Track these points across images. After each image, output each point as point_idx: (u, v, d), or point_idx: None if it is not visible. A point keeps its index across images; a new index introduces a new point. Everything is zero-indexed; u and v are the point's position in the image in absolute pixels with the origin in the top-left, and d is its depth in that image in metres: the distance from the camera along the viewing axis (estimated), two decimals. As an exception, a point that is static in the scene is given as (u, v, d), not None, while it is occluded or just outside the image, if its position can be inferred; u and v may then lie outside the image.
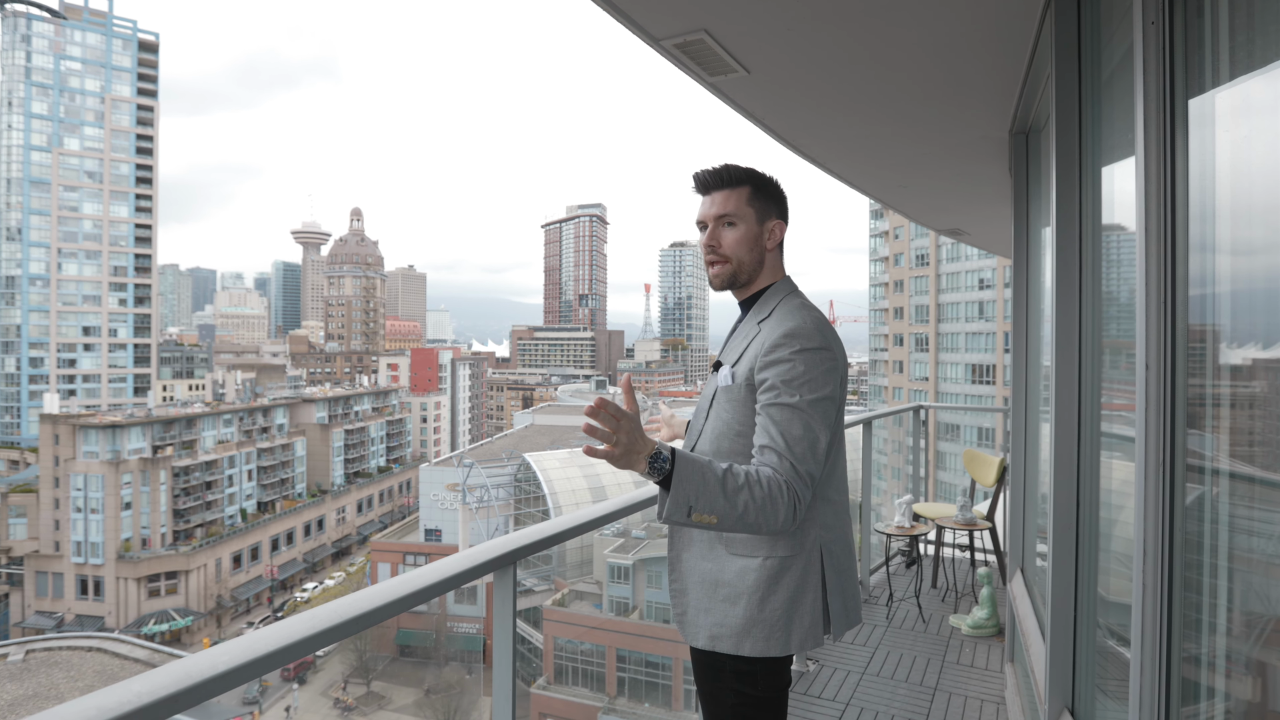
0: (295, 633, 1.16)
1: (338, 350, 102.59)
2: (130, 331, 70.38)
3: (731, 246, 1.63)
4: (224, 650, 1.08)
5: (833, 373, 1.52)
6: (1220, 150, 1.26)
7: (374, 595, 1.36)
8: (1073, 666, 2.10)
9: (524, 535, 1.74)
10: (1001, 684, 3.61)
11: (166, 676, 0.98)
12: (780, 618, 1.54)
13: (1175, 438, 1.34)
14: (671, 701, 27.42)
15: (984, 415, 42.88)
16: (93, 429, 49.92)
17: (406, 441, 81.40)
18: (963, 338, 52.45)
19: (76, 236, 68.35)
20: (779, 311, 1.60)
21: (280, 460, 62.57)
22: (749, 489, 1.38)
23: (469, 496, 41.03)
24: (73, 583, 48.16)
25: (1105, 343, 2.02)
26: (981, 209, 5.28)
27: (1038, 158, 3.24)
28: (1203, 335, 1.33)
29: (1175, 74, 1.34)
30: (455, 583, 1.53)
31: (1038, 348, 3.31)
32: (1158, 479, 1.37)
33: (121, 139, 71.08)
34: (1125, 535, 1.98)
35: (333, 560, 62.80)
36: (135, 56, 72.53)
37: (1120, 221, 1.98)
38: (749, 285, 1.68)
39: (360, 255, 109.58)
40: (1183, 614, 1.34)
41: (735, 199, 1.63)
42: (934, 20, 2.28)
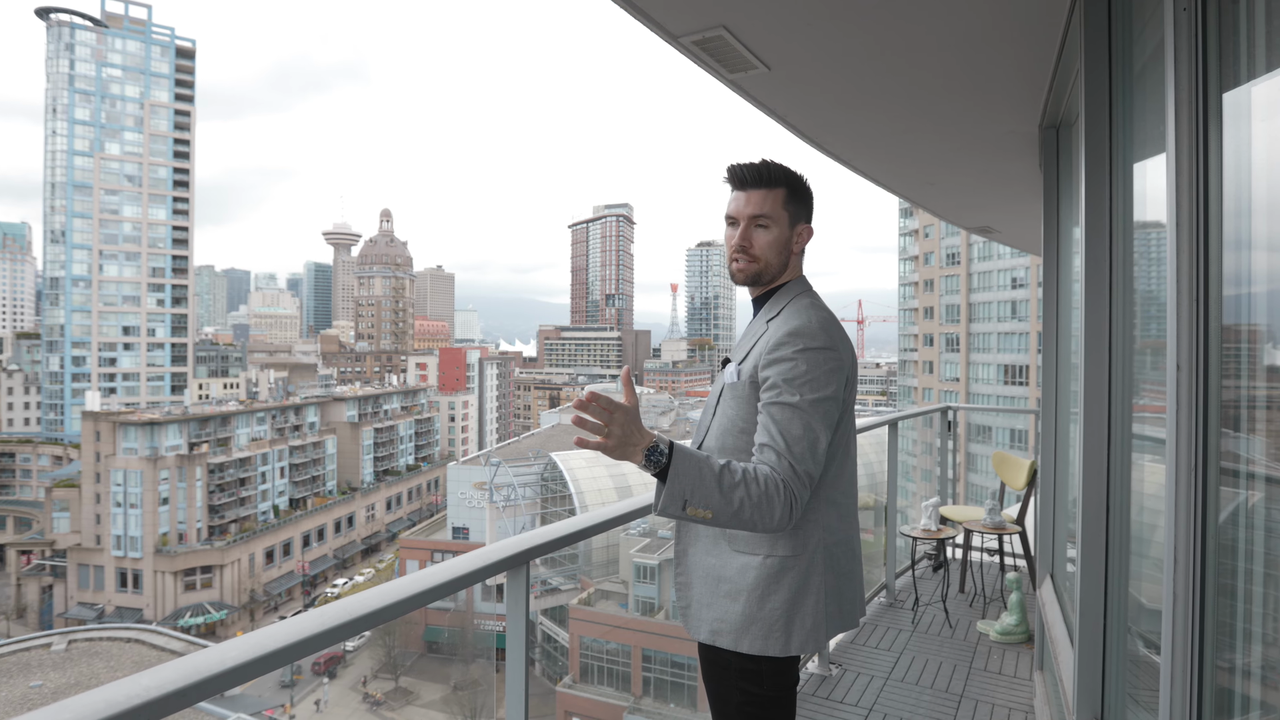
0: (306, 629, 1.17)
1: (368, 350, 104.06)
2: (168, 331, 72.29)
3: (762, 248, 1.63)
4: (234, 645, 1.09)
5: (836, 373, 1.51)
6: (1255, 144, 1.21)
7: (388, 592, 1.37)
8: (1102, 675, 2.04)
9: (539, 534, 1.73)
10: (1030, 692, 3.53)
11: (174, 671, 0.99)
12: (780, 617, 1.54)
13: (1208, 440, 1.29)
14: (697, 702, 27.25)
15: (1017, 417, 42.07)
16: (132, 426, 51.23)
17: (435, 440, 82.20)
18: (995, 338, 51.50)
19: (117, 239, 70.34)
20: (787, 310, 1.60)
21: (312, 458, 63.54)
22: (745, 486, 1.38)
23: (496, 495, 41.35)
24: (113, 575, 49.42)
25: (1136, 343, 1.96)
26: (1012, 206, 5.17)
27: (1068, 153, 3.16)
28: (1236, 335, 1.28)
29: (1209, 64, 1.29)
30: (469, 581, 1.53)
31: (1068, 348, 3.24)
32: (1189, 482, 1.32)
33: (160, 143, 73.06)
34: (1156, 540, 1.92)
35: (362, 557, 63.66)
36: (173, 63, 74.44)
37: (1152, 219, 1.92)
38: (768, 284, 1.69)
39: (390, 256, 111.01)
40: (1215, 621, 1.29)
41: (772, 200, 1.62)
42: (957, 12, 2.23)
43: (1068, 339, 3.25)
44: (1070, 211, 3.20)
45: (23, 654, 30.03)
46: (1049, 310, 3.41)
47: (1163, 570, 1.94)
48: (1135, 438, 1.96)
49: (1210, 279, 1.30)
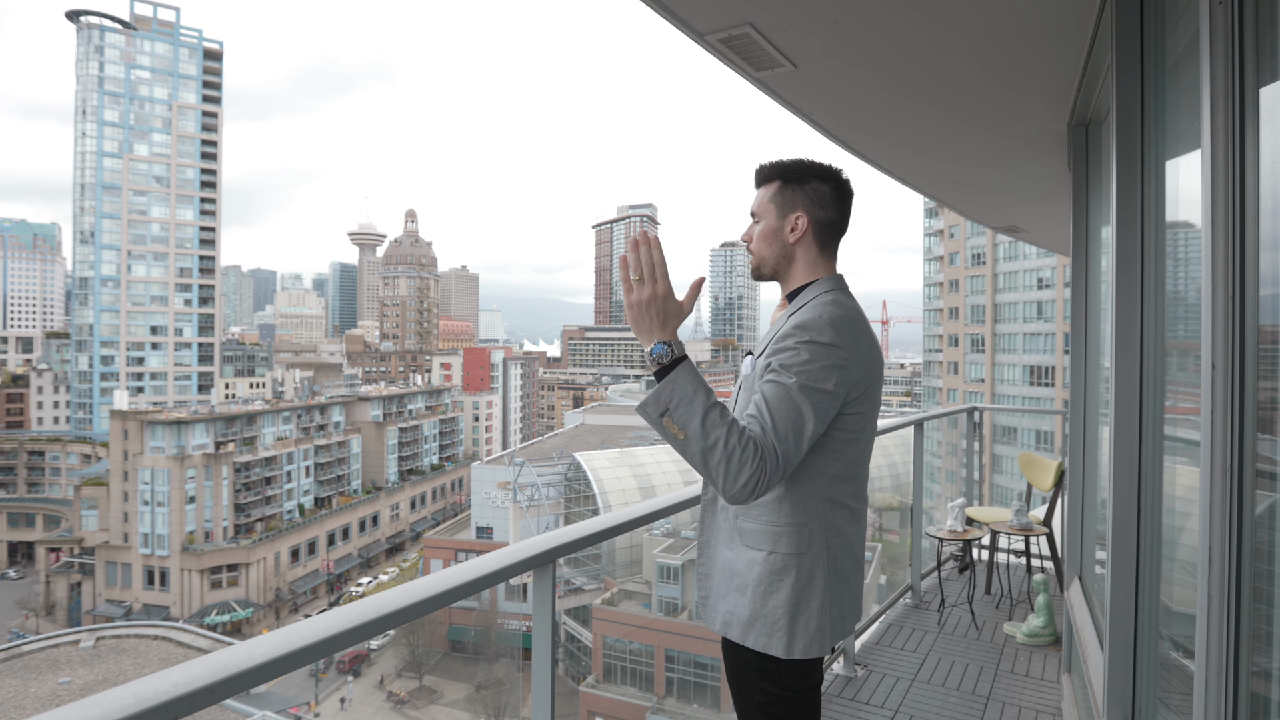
0: (332, 626, 1.16)
1: (392, 350, 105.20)
2: (195, 331, 73.52)
3: (755, 241, 1.70)
4: (261, 642, 1.09)
5: (835, 370, 1.47)
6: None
7: (413, 590, 1.37)
8: (1133, 678, 2.02)
9: (564, 533, 1.75)
10: (1058, 695, 3.48)
11: (202, 668, 0.99)
12: (781, 617, 1.54)
13: (1244, 440, 1.28)
14: (720, 703, 27.24)
15: (1043, 418, 41.39)
16: (159, 425, 52.08)
17: (459, 440, 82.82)
18: (1021, 339, 50.71)
19: (145, 239, 71.59)
20: (807, 305, 1.59)
21: (337, 457, 64.30)
22: (729, 433, 1.37)
23: (520, 495, 41.58)
24: (140, 573, 50.26)
25: (1168, 343, 1.93)
26: (1039, 205, 5.10)
27: (1098, 151, 3.12)
28: (1274, 336, 1.26)
29: (1245, 60, 1.28)
30: (494, 580, 1.53)
31: (1098, 349, 3.19)
32: (1224, 483, 1.30)
33: (187, 145, 74.25)
34: (1189, 542, 1.89)
35: (386, 556, 64.33)
36: (200, 65, 75.59)
37: (1185, 217, 1.90)
38: (784, 279, 1.70)
39: (415, 256, 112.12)
40: (1250, 625, 1.28)
41: (762, 195, 1.70)
42: (987, 9, 2.22)
43: (1096, 340, 3.20)
44: (1100, 210, 3.16)
45: (51, 651, 30.68)
46: (1077, 311, 3.37)
47: (1196, 572, 1.91)
48: (1167, 439, 1.94)
49: (1246, 278, 1.28)
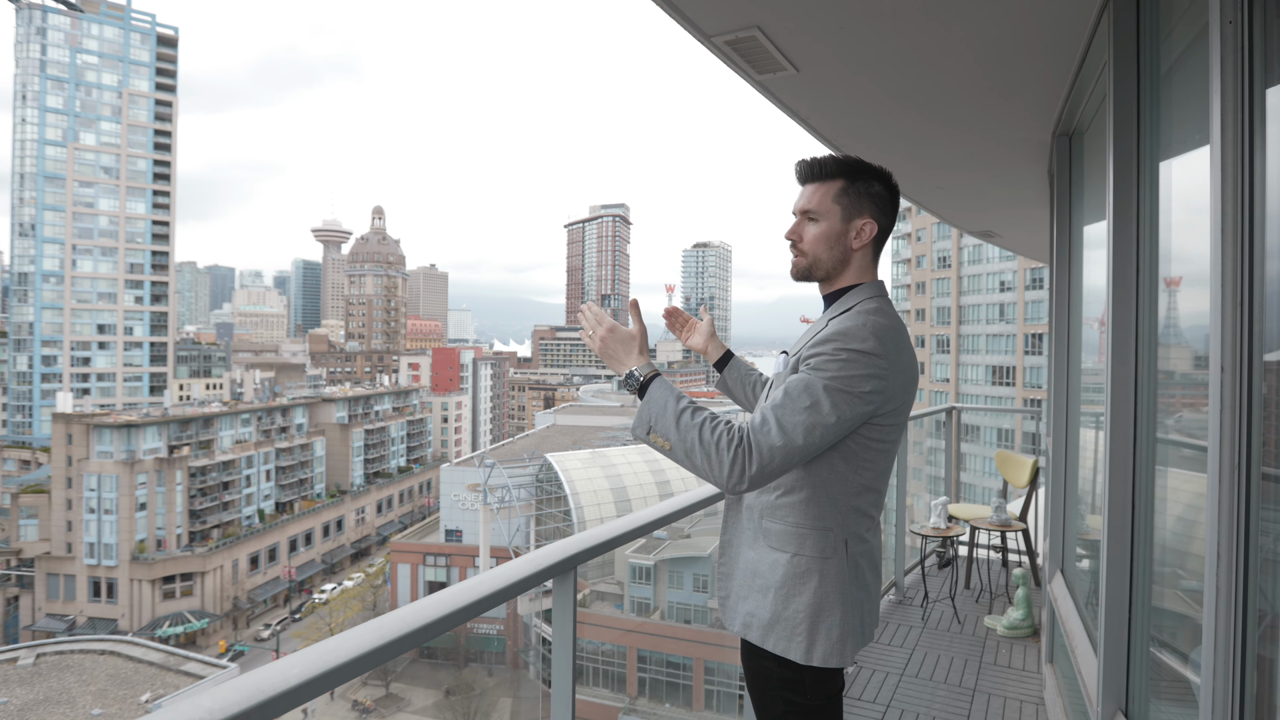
0: (367, 643, 1.13)
1: (358, 349, 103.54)
2: (146, 330, 70.30)
3: (811, 242, 1.62)
4: (295, 661, 1.05)
5: (872, 379, 1.45)
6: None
7: (440, 603, 1.33)
8: (1126, 668, 2.09)
9: (585, 539, 1.74)
10: (1039, 685, 3.59)
11: (237, 692, 0.95)
12: (802, 621, 1.52)
13: (1252, 440, 1.34)
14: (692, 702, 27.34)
15: (1003, 416, 42.41)
16: (107, 428, 50.01)
17: (427, 441, 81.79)
18: (983, 339, 51.89)
19: (92, 233, 68.09)
20: (851, 312, 1.56)
21: (299, 460, 62.95)
22: (701, 429, 1.42)
23: (490, 497, 41.23)
24: (85, 585, 48.12)
25: (1163, 345, 2.01)
26: (1016, 211, 5.24)
27: (1080, 160, 3.22)
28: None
29: (1254, 75, 1.34)
30: (516, 590, 1.50)
31: (1079, 349, 3.30)
32: (1232, 481, 1.36)
33: (139, 134, 70.75)
34: (1182, 535, 1.97)
35: (351, 561, 63.19)
36: (154, 51, 72.12)
37: (1178, 221, 1.98)
38: (830, 281, 1.65)
39: (382, 254, 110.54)
40: (1257, 618, 1.33)
41: (821, 194, 1.61)
42: (987, 20, 2.29)
43: (1078, 341, 3.31)
44: (1082, 217, 3.27)
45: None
46: (1060, 313, 3.47)
47: (1186, 566, 1.99)
48: (1159, 438, 2.02)
49: (1255, 280, 1.34)
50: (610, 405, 76.30)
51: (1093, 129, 3.00)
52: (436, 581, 45.84)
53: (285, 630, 48.10)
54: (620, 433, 58.24)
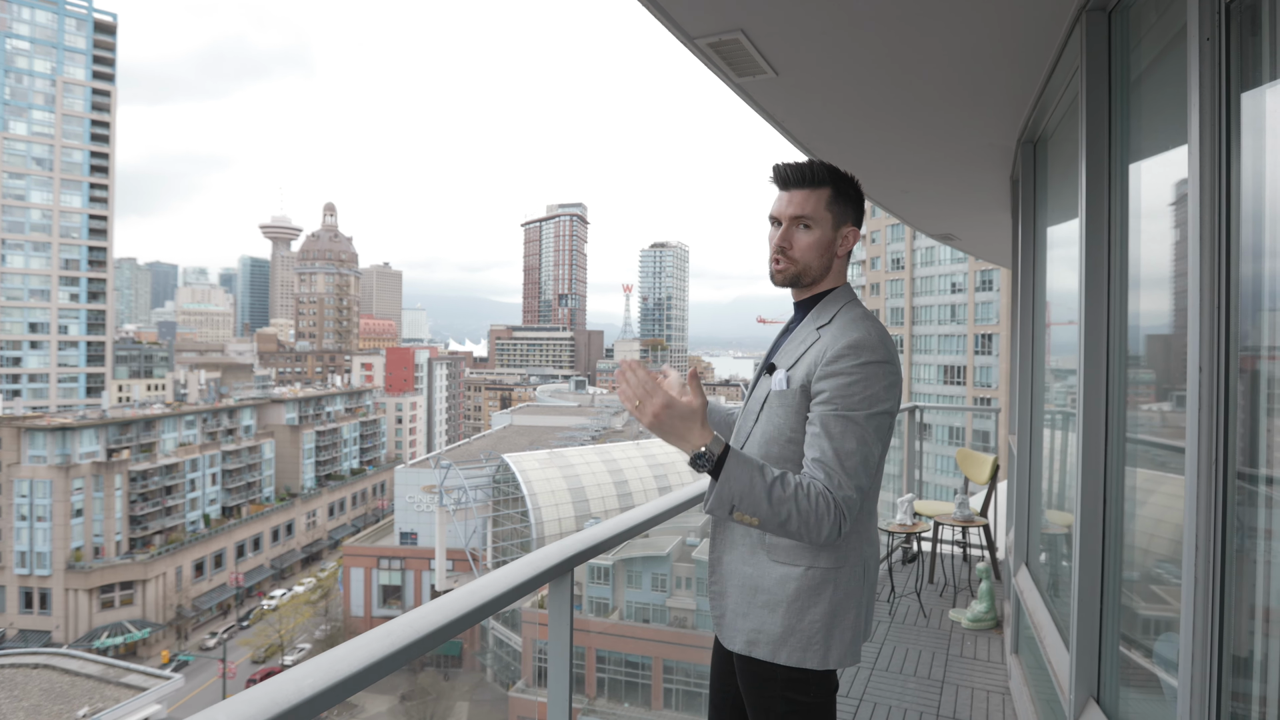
0: (377, 650, 1.09)
1: (309, 349, 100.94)
2: (83, 329, 66.74)
3: (803, 250, 1.60)
4: (307, 671, 1.00)
5: (894, 387, 1.51)
6: (1276, 159, 1.32)
7: (448, 608, 1.29)
8: (1098, 657, 2.17)
9: (581, 540, 1.71)
10: (1005, 675, 3.69)
11: (251, 705, 0.91)
12: (819, 630, 1.52)
13: (1229, 439, 1.40)
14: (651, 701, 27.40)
15: (955, 415, 43.60)
16: (40, 431, 47.68)
17: (381, 443, 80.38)
18: (936, 340, 53.27)
19: (23, 227, 64.40)
20: (841, 320, 1.57)
21: (247, 463, 61.23)
22: (795, 501, 1.38)
23: (446, 498, 40.65)
24: (15, 595, 45.87)
25: (1133, 344, 2.09)
26: (977, 215, 5.39)
27: (1045, 165, 3.33)
28: (1257, 337, 1.39)
29: (1230, 84, 1.40)
30: (512, 597, 1.46)
31: (1043, 350, 3.40)
32: (1209, 478, 1.42)
33: (74, 124, 67.07)
34: (1151, 530, 2.06)
35: (302, 566, 61.70)
36: (90, 38, 68.50)
37: (1149, 223, 2.06)
38: (811, 287, 1.65)
39: (333, 251, 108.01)
40: (1235, 610, 1.39)
41: (815, 201, 1.59)
42: (964, 29, 2.34)
43: (1042, 342, 3.42)
44: (1046, 220, 3.37)
45: (-95, 689, 27.23)
46: (1024, 314, 3.58)
47: (1154, 558, 2.07)
48: (1130, 439, 2.09)
49: (1231, 283, 1.41)
50: (567, 405, 75.97)
51: (1057, 136, 3.11)
52: (391, 585, 45.08)
53: (232, 638, 46.66)
54: (579, 432, 58.08)
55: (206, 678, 41.07)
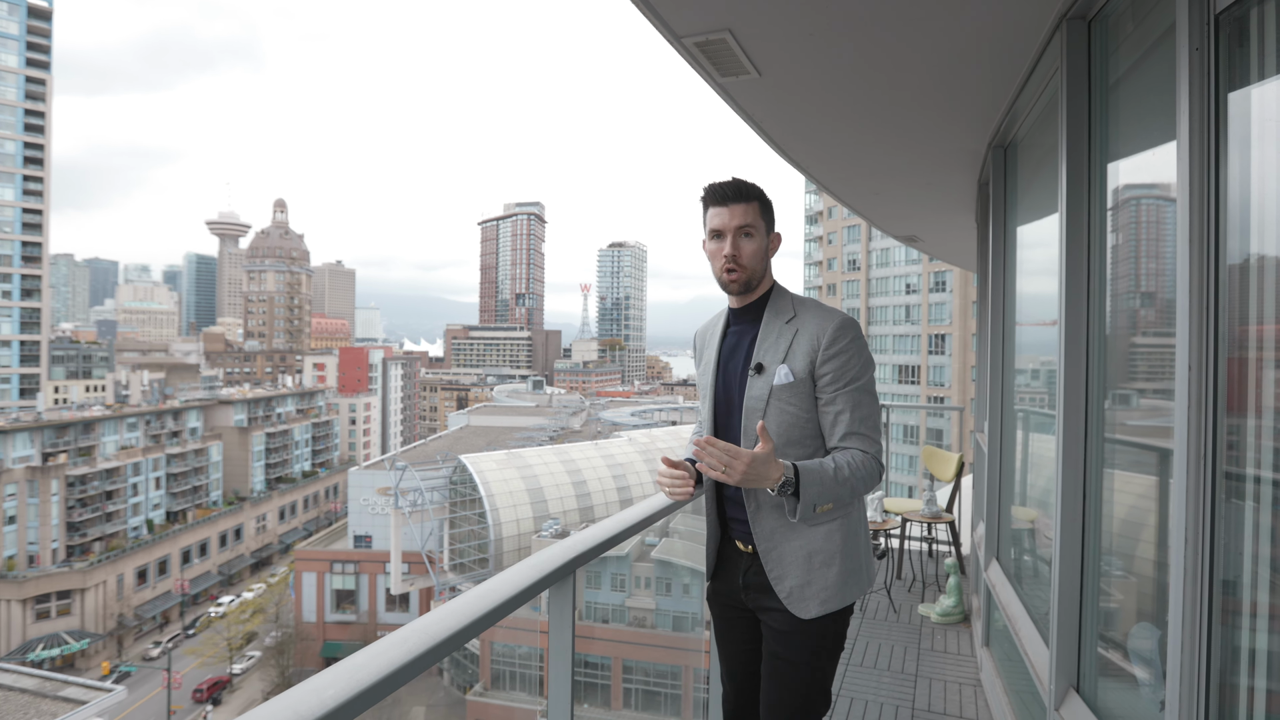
0: (396, 659, 1.04)
1: (258, 349, 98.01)
2: (15, 327, 63.36)
3: (749, 257, 1.80)
4: (328, 682, 0.96)
5: (870, 354, 1.82)
6: (1265, 167, 1.37)
7: (450, 619, 1.22)
8: (1078, 648, 2.23)
9: (583, 540, 1.69)
10: (975, 667, 3.78)
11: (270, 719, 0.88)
12: (863, 558, 1.82)
13: (1218, 435, 1.44)
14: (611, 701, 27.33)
15: (909, 413, 44.62)
16: (-32, 436, 45.51)
17: (334, 444, 78.65)
18: (891, 340, 54.42)
19: None
20: (806, 309, 1.81)
21: (193, 466, 59.37)
22: (853, 480, 1.67)
23: (402, 501, 39.90)
24: (-59, 608, 43.62)
25: (1112, 342, 2.15)
26: (941, 218, 5.51)
27: (1015, 169, 3.42)
28: (1244, 337, 1.44)
29: (1220, 89, 1.45)
30: (513, 605, 1.39)
31: (1013, 350, 3.49)
32: (1199, 472, 1.47)
33: (7, 114, 63.47)
34: (1129, 523, 2.12)
35: (252, 571, 59.98)
36: (24, 23, 64.87)
37: (1126, 222, 2.12)
38: (755, 290, 1.86)
39: (284, 249, 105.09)
40: (1222, 601, 1.44)
41: (753, 212, 1.79)
42: (946, 35, 2.38)
43: (1012, 341, 3.50)
44: (1015, 222, 3.46)
45: None
46: (995, 314, 3.66)
47: (1133, 552, 2.14)
48: (1108, 438, 2.15)
49: (1220, 284, 1.45)
50: (525, 406, 75.38)
51: (1028, 140, 3.19)
52: (345, 590, 44.13)
53: (178, 647, 45.05)
54: (537, 432, 57.69)
55: (151, 688, 39.60)
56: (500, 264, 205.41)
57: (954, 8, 2.21)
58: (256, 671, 42.43)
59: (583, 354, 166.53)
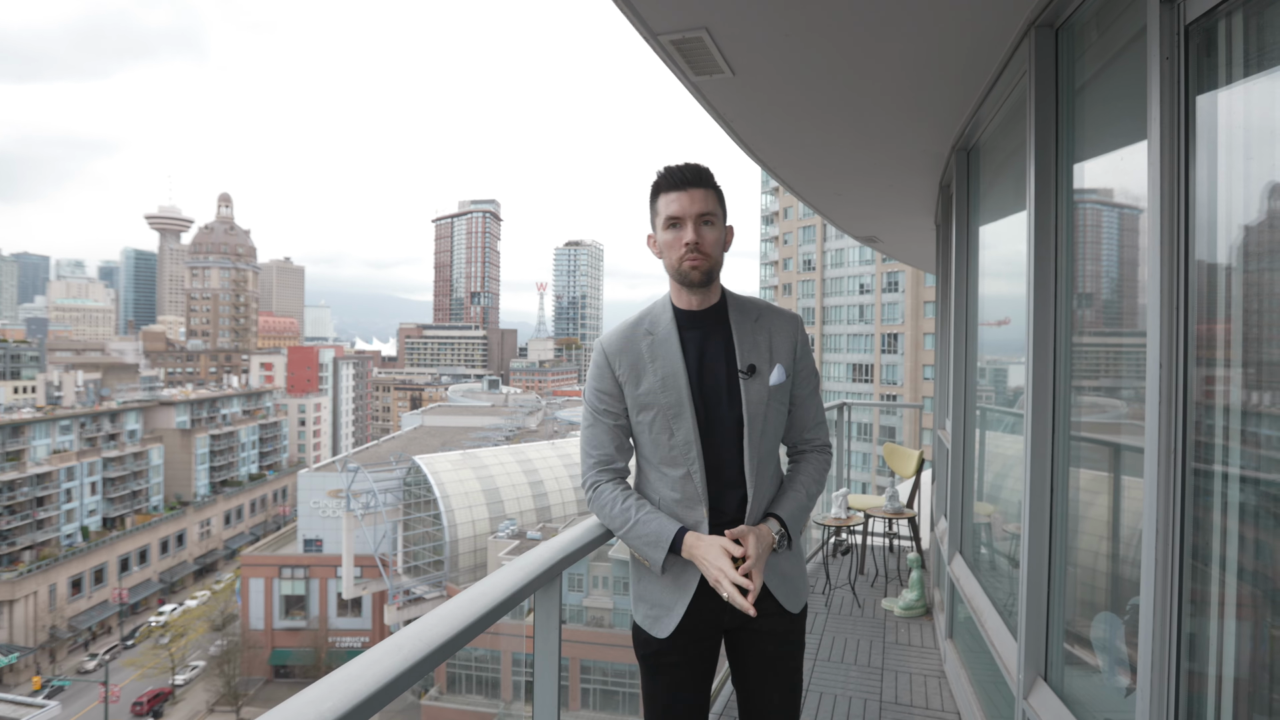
0: (391, 667, 1.00)
1: (202, 348, 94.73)
2: None
3: (712, 245, 1.66)
4: (324, 694, 0.92)
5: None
6: (1231, 170, 1.43)
7: (442, 625, 1.18)
8: (1046, 638, 2.29)
9: (569, 539, 1.67)
10: (939, 659, 3.86)
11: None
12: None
13: (1187, 431, 1.50)
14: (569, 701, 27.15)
15: (863, 411, 45.57)
16: (-114, 440, 43.05)
17: (283, 446, 76.65)
18: (845, 339, 55.46)
19: None
20: (764, 308, 1.79)
21: (132, 470, 57.29)
22: (818, 483, 1.82)
23: (354, 503, 39.05)
24: None
25: (1078, 341, 2.22)
26: (902, 219, 5.62)
27: (978, 172, 3.50)
28: (1212, 335, 1.49)
29: (1189, 94, 1.50)
30: (502, 610, 1.35)
31: (975, 347, 3.58)
32: (1169, 466, 1.51)
33: None
34: (1095, 519, 2.19)
35: (195, 578, 58.07)
36: None
37: (1093, 223, 2.19)
38: (711, 287, 1.72)
39: (230, 245, 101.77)
40: (1191, 591, 1.49)
41: (713, 199, 1.67)
42: (919, 37, 2.42)
43: (975, 339, 3.59)
44: (979, 223, 3.55)
45: None
46: (959, 313, 3.74)
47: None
48: (1073, 433, 2.22)
49: (1190, 285, 1.50)
50: (480, 405, 74.53)
51: (991, 143, 3.27)
52: (294, 595, 43.04)
53: (116, 659, 43.26)
54: (492, 433, 57.09)
55: (87, 702, 37.94)
56: (455, 262, 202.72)
57: (927, 13, 2.24)
58: (201, 682, 41.02)
59: (539, 353, 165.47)
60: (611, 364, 1.71)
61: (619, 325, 1.78)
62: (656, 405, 1.67)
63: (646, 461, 1.74)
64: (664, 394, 1.67)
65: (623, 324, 1.77)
